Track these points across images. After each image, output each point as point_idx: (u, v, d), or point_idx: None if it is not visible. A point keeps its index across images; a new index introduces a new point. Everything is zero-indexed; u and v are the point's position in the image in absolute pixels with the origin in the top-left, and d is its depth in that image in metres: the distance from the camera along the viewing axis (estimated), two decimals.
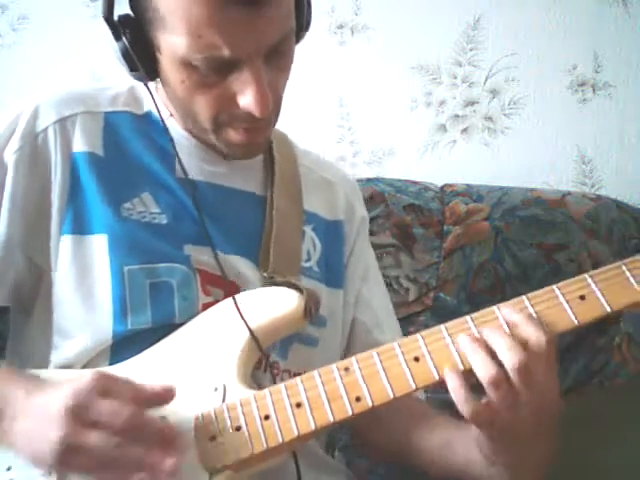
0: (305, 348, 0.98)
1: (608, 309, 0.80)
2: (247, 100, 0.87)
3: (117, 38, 0.87)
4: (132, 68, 0.90)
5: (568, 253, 1.48)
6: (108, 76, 1.71)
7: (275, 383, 0.88)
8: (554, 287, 0.82)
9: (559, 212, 1.51)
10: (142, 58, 0.88)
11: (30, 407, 0.76)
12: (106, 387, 0.74)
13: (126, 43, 0.87)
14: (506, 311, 0.81)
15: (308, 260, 1.03)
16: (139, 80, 0.93)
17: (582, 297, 0.80)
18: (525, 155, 1.73)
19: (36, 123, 0.94)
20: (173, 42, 0.84)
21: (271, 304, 0.89)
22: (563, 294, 0.81)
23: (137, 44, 0.87)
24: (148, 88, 0.95)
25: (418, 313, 1.46)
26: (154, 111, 0.99)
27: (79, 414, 0.72)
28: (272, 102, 0.88)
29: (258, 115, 0.87)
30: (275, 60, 0.88)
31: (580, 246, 1.48)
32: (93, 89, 1.03)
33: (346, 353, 1.06)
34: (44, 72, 1.76)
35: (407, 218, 1.52)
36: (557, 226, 1.50)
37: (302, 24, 0.93)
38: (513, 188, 1.58)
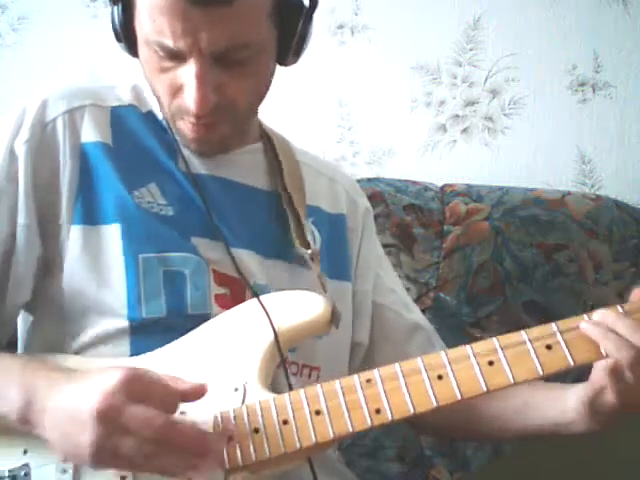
0: (310, 340, 0.98)
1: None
2: (186, 94, 0.89)
3: (113, 2, 0.91)
4: (117, 38, 0.93)
5: (568, 253, 1.48)
6: (107, 76, 1.71)
7: (288, 379, 0.88)
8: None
9: (559, 212, 1.51)
10: (125, 31, 0.91)
11: (59, 401, 0.76)
12: (136, 390, 0.73)
13: (116, 12, 0.91)
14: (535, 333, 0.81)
15: None
16: (127, 53, 0.95)
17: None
18: (525, 155, 1.73)
19: (45, 114, 0.95)
20: (139, 21, 0.88)
21: (298, 308, 0.89)
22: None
23: (124, 16, 0.91)
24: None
25: None
26: (155, 110, 1.01)
27: (110, 419, 0.72)
28: (219, 104, 0.89)
29: (194, 112, 0.89)
30: (229, 66, 0.88)
31: (580, 246, 1.48)
32: (98, 86, 1.05)
33: (374, 336, 1.08)
34: (44, 72, 1.76)
35: (407, 218, 1.52)
36: (557, 226, 1.50)
37: (287, 49, 0.93)
38: (513, 188, 1.58)
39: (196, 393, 0.78)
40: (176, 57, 0.88)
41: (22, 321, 1.01)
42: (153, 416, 0.72)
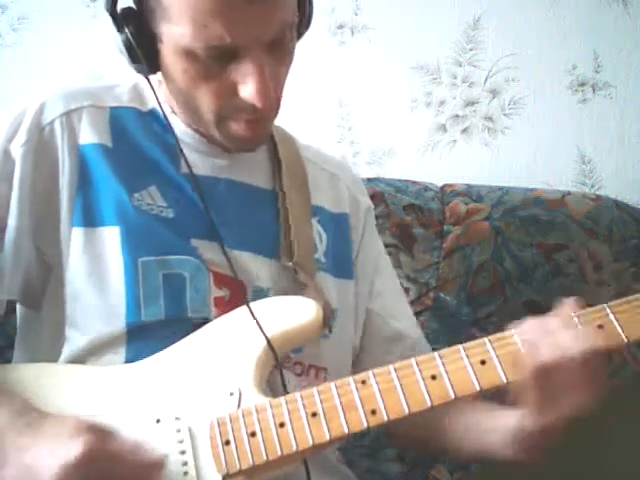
0: (318, 340, 0.97)
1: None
2: (248, 90, 0.87)
3: (119, 30, 0.88)
4: (134, 60, 0.90)
5: (568, 253, 1.48)
6: (108, 76, 1.71)
7: (283, 382, 0.88)
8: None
9: (559, 212, 1.51)
10: (144, 50, 0.89)
11: (20, 460, 0.72)
12: (98, 467, 0.70)
13: (128, 35, 0.88)
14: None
15: (316, 252, 1.03)
16: (140, 72, 0.93)
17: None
18: (525, 155, 1.73)
19: (42, 116, 0.94)
20: (176, 32, 0.86)
21: (289, 313, 0.89)
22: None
23: (139, 36, 0.88)
24: (150, 82, 0.94)
25: (418, 313, 1.46)
26: (157, 108, 0.99)
27: None
28: (273, 93, 0.89)
29: (259, 105, 0.87)
30: (276, 51, 0.88)
31: (580, 246, 1.48)
32: (97, 87, 1.04)
33: (363, 342, 1.08)
34: (44, 72, 1.76)
35: (407, 218, 1.52)
36: (557, 226, 1.50)
37: (304, 22, 0.94)
38: (513, 188, 1.58)
39: (155, 466, 0.76)
40: (226, 57, 0.86)
41: (21, 318, 1.01)
42: None
